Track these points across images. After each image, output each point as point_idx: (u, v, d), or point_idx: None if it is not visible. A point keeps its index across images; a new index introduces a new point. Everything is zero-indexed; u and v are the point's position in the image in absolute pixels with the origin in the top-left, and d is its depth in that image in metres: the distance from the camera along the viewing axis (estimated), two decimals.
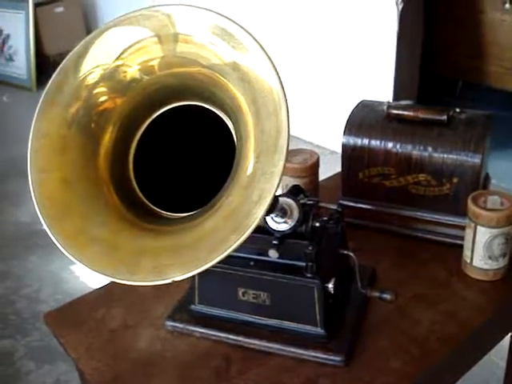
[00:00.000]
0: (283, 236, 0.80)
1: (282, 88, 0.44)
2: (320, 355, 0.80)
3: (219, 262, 0.84)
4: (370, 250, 1.03)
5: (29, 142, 0.49)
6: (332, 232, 0.87)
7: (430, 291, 0.92)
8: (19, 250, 2.50)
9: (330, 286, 0.80)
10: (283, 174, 0.42)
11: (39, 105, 0.49)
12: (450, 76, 3.06)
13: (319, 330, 0.82)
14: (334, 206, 0.87)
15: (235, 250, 0.84)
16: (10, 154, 3.41)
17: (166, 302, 0.94)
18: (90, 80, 0.47)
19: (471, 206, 0.90)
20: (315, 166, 1.08)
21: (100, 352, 0.87)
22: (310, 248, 0.79)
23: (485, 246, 0.90)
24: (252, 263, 0.84)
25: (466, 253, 0.93)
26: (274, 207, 0.79)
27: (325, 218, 0.85)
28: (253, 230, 0.42)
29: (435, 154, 0.97)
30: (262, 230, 0.82)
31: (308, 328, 0.82)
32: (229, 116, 0.48)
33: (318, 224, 0.82)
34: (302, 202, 0.83)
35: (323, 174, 1.17)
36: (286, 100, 0.44)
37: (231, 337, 0.85)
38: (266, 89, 0.44)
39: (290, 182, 1.08)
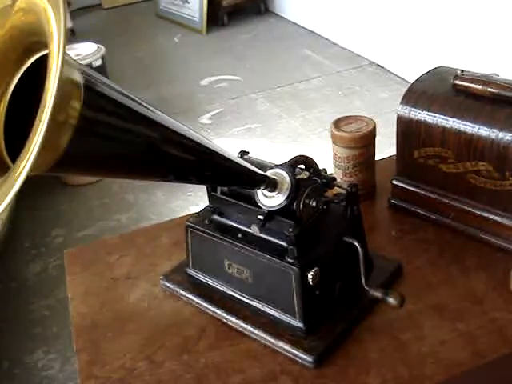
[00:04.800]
0: (272, 212, 0.71)
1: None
2: (290, 349, 0.71)
3: (207, 228, 0.79)
4: (410, 240, 0.89)
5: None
6: (337, 215, 0.75)
7: (457, 304, 0.76)
8: (148, 183, 2.63)
9: (310, 275, 0.69)
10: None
11: None
12: None
13: (297, 322, 0.72)
14: (345, 186, 0.75)
15: (228, 219, 0.78)
16: (161, 93, 3.59)
17: (178, 260, 0.90)
18: None
19: None
20: (369, 137, 0.94)
21: (93, 297, 0.86)
22: (291, 230, 0.69)
23: None
24: (240, 235, 0.76)
25: None
26: (261, 180, 0.70)
27: (327, 199, 0.74)
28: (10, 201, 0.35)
29: (500, 140, 0.78)
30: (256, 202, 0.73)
31: (286, 317, 0.73)
32: None
33: (314, 203, 0.71)
34: (300, 176, 0.72)
35: None
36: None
37: (212, 308, 0.79)
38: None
39: (339, 152, 0.96)
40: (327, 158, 0.97)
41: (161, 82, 3.74)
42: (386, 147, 0.89)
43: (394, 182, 0.94)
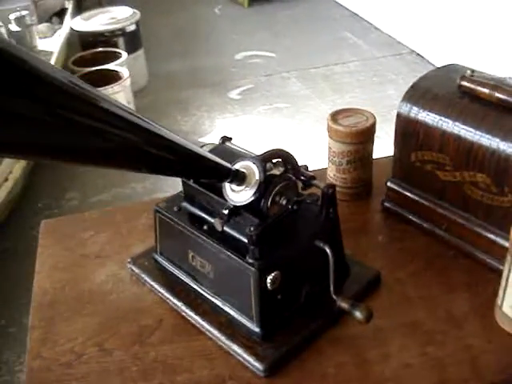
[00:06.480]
0: (239, 207, 0.66)
1: None
2: (243, 354, 0.67)
3: (175, 215, 0.74)
4: (397, 249, 0.83)
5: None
6: (312, 217, 0.70)
7: (432, 325, 0.70)
8: None
9: (269, 279, 0.64)
10: None
11: None
12: None
13: (254, 327, 0.68)
14: (322, 186, 0.69)
15: (197, 208, 0.73)
16: (194, 64, 3.53)
17: (151, 243, 0.85)
18: None
19: None
20: (366, 133, 0.88)
21: (59, 273, 0.83)
22: (253, 228, 0.64)
23: None
24: (206, 227, 0.71)
25: (500, 292, 0.69)
26: (225, 173, 0.64)
27: (300, 198, 0.68)
28: None
29: (502, 152, 0.71)
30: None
31: (243, 319, 0.68)
32: None
33: (284, 202, 0.66)
34: (272, 172, 0.67)
35: None
36: None
37: (173, 300, 0.75)
38: None
39: (334, 146, 0.90)
40: None
41: (195, 53, 3.69)
42: None
43: (388, 183, 0.88)
